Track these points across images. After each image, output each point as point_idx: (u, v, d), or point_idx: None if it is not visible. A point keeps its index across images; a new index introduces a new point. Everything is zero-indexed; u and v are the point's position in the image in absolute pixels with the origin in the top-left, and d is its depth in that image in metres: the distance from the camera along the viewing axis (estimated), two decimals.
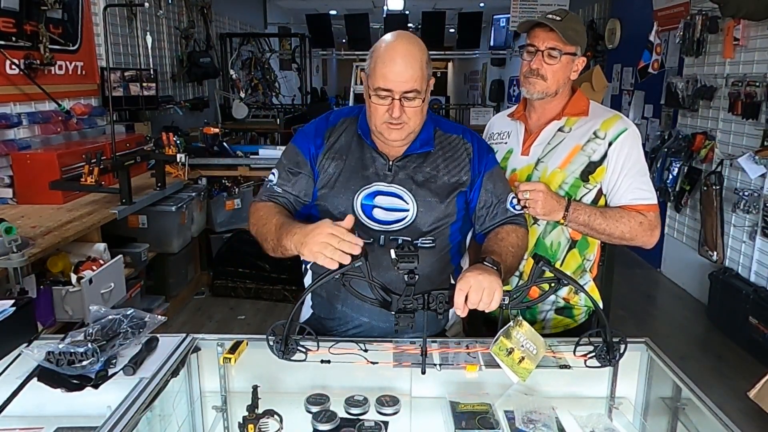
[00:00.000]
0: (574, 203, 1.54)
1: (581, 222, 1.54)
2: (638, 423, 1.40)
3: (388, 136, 1.40)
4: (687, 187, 4.28)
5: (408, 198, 1.44)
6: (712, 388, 2.77)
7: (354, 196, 1.45)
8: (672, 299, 4.43)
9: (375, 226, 1.45)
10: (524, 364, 1.27)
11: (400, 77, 1.33)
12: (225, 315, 3.98)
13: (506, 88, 10.42)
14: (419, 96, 1.36)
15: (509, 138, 1.71)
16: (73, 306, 2.47)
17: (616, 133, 1.58)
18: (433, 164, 1.48)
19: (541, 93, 1.59)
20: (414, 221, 1.44)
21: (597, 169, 1.58)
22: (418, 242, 1.45)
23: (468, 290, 1.19)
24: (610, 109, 1.68)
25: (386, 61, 1.34)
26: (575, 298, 1.67)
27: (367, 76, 1.40)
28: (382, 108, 1.36)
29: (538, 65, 1.56)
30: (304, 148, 1.50)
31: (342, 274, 1.21)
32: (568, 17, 1.54)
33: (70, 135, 3.71)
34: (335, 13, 10.03)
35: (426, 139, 1.47)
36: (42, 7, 3.32)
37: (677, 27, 4.35)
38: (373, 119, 1.40)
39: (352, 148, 1.49)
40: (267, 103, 7.38)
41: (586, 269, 1.67)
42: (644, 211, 1.57)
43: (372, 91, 1.36)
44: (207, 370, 1.41)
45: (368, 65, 1.39)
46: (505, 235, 1.45)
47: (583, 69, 1.62)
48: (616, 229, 1.55)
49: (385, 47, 1.36)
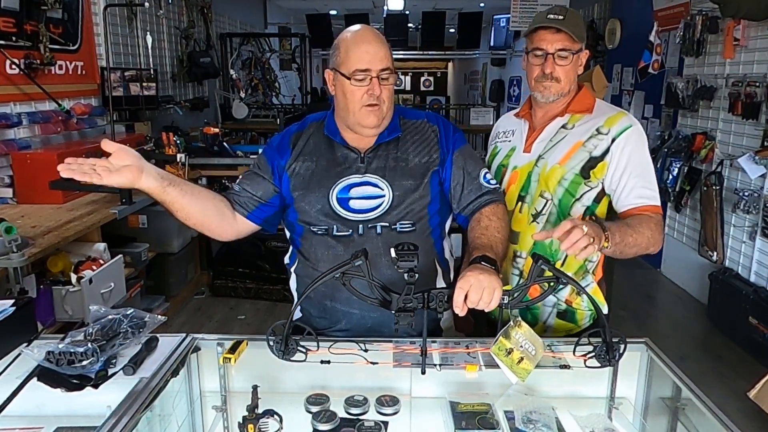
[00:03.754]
0: (599, 220, 1.46)
1: (617, 240, 1.37)
2: (638, 423, 1.40)
3: (366, 121, 1.44)
4: (687, 188, 4.28)
5: (383, 184, 1.48)
6: (712, 388, 2.77)
7: (329, 192, 1.48)
8: (672, 299, 4.43)
9: (353, 216, 1.48)
10: (523, 364, 1.27)
11: (376, 56, 1.41)
12: (225, 315, 3.98)
13: (506, 88, 10.42)
14: (393, 74, 1.44)
15: (513, 136, 1.70)
16: (73, 306, 2.47)
17: (620, 130, 1.54)
18: (402, 148, 1.52)
19: (557, 95, 1.57)
20: (390, 206, 1.47)
21: (598, 164, 1.54)
22: (396, 227, 1.48)
23: (468, 289, 1.19)
24: (616, 107, 1.65)
25: (358, 44, 1.41)
26: (577, 300, 1.63)
27: (336, 68, 1.44)
28: (360, 90, 1.42)
29: (551, 69, 1.53)
30: (270, 157, 1.55)
31: (342, 273, 1.21)
32: (569, 14, 1.52)
33: (70, 135, 3.72)
34: (335, 13, 10.03)
35: (393, 127, 1.52)
36: (42, 6, 3.33)
37: (677, 27, 4.35)
38: (351, 107, 1.44)
39: (322, 149, 1.52)
40: (267, 103, 7.37)
41: (589, 270, 1.64)
42: (651, 213, 1.51)
43: (350, 75, 1.41)
44: (207, 370, 1.41)
45: (336, 57, 1.45)
46: (488, 221, 1.48)
47: (583, 68, 1.62)
48: (643, 238, 1.44)
49: (351, 36, 1.44)
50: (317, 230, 1.51)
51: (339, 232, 1.48)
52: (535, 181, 1.60)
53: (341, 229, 1.48)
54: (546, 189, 1.58)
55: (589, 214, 1.59)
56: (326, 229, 1.49)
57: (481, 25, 8.74)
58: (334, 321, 1.54)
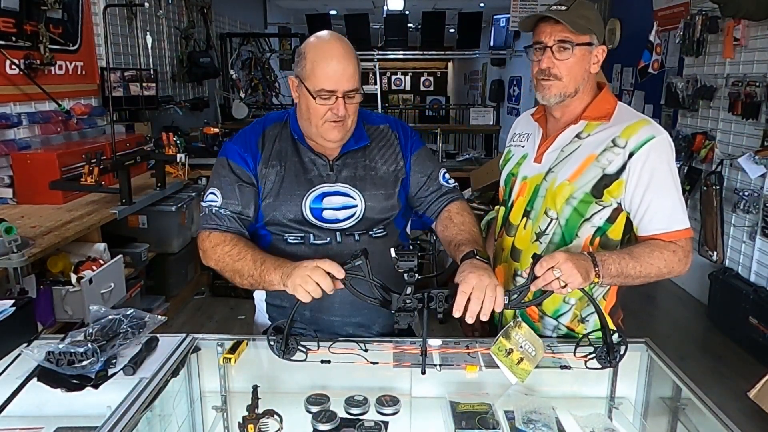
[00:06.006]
0: (598, 254, 1.30)
1: (614, 273, 1.29)
2: (638, 423, 1.40)
3: (329, 136, 1.41)
4: (687, 188, 4.28)
5: (354, 194, 1.47)
6: (712, 388, 2.76)
7: (302, 201, 1.45)
8: (672, 299, 4.43)
9: (328, 226, 1.47)
10: (523, 365, 1.27)
11: (344, 75, 1.35)
12: (225, 315, 3.97)
13: (506, 88, 10.42)
14: (359, 93, 1.39)
15: (527, 141, 1.55)
16: (73, 306, 2.47)
17: (639, 142, 1.34)
18: (370, 156, 1.51)
19: (558, 95, 1.39)
20: (364, 215, 1.47)
21: (613, 183, 1.36)
22: (372, 233, 1.49)
23: (471, 291, 1.19)
24: (639, 114, 1.43)
25: (326, 60, 1.34)
26: (580, 327, 1.49)
27: (302, 80, 1.38)
28: (323, 108, 1.37)
29: (549, 64, 1.36)
30: (241, 161, 1.46)
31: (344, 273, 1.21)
32: (576, 4, 1.34)
33: (70, 135, 3.72)
34: (335, 13, 10.03)
35: (359, 135, 1.50)
36: (42, 7, 3.33)
37: (677, 27, 4.35)
38: (314, 121, 1.39)
39: (288, 154, 1.48)
40: (267, 103, 7.37)
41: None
42: (677, 239, 1.35)
43: (314, 93, 1.35)
44: (207, 370, 1.41)
45: (302, 68, 1.37)
46: (460, 217, 1.51)
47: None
48: (652, 268, 1.33)
49: (319, 49, 1.36)
50: (291, 239, 1.47)
51: (316, 240, 1.47)
52: (541, 197, 1.45)
53: (319, 237, 1.47)
54: (551, 207, 1.43)
55: (600, 235, 1.42)
56: (302, 237, 1.47)
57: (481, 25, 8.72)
58: (315, 327, 1.49)
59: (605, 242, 1.43)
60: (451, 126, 10.00)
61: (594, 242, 1.43)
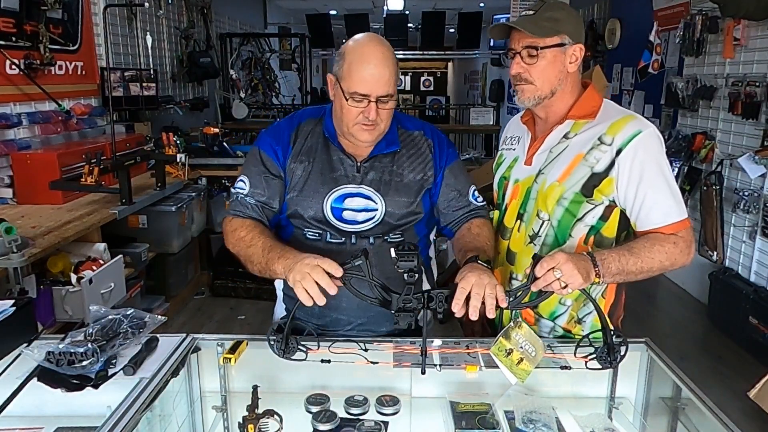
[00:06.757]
0: (597, 253, 1.30)
1: (614, 272, 1.30)
2: (638, 423, 1.40)
3: (360, 137, 1.41)
4: (687, 187, 4.28)
5: (377, 198, 1.47)
6: (712, 388, 2.76)
7: (324, 199, 1.46)
8: (672, 299, 4.43)
9: (345, 227, 1.47)
10: (523, 365, 1.27)
11: (378, 82, 1.35)
12: (225, 315, 3.98)
13: (506, 88, 10.41)
14: (393, 98, 1.38)
15: (518, 144, 1.58)
16: (73, 306, 2.47)
17: (626, 138, 1.34)
18: (398, 162, 1.50)
19: (533, 99, 1.41)
20: (383, 219, 1.47)
21: (603, 181, 1.37)
22: (387, 237, 1.48)
23: (470, 288, 1.19)
24: (625, 110, 1.45)
25: (363, 64, 1.34)
26: (576, 328, 1.50)
27: (338, 79, 1.38)
28: (356, 110, 1.37)
29: (519, 69, 1.40)
30: (272, 153, 1.49)
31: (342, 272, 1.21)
32: (544, 7, 1.37)
33: (70, 135, 3.71)
34: (335, 13, 10.03)
35: (392, 139, 1.49)
36: (42, 7, 3.33)
37: (677, 27, 4.35)
38: (345, 121, 1.40)
39: (318, 151, 1.49)
40: (267, 103, 7.38)
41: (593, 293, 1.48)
42: (677, 231, 1.36)
43: (348, 95, 1.36)
44: (207, 370, 1.41)
45: (340, 68, 1.38)
46: (478, 230, 1.49)
47: (583, 69, 1.50)
48: (653, 262, 1.33)
49: (358, 51, 1.36)
50: (310, 234, 1.50)
51: (332, 239, 1.48)
52: (533, 199, 1.47)
53: (334, 236, 1.48)
54: (543, 209, 1.44)
55: (593, 234, 1.43)
56: (319, 234, 1.49)
57: (481, 25, 8.74)
58: (321, 319, 1.53)
59: (600, 240, 1.44)
60: (451, 126, 10.00)
61: (588, 241, 1.44)
